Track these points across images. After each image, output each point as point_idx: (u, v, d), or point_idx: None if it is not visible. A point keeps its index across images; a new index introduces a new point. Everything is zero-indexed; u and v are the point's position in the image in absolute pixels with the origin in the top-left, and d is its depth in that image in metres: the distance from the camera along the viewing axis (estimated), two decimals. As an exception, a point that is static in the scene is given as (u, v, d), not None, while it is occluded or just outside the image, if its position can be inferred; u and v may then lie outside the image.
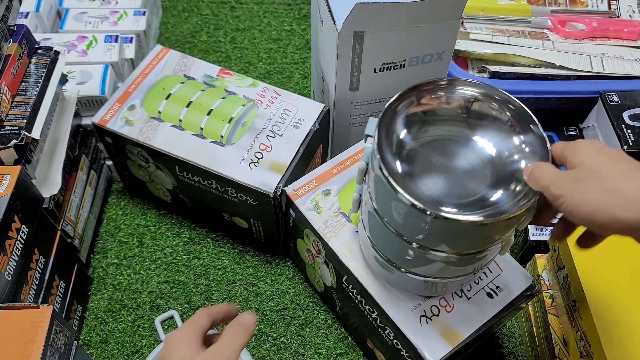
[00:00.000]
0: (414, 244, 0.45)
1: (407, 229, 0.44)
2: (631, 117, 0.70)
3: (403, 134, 0.44)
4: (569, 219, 0.38)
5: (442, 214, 0.40)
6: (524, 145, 0.44)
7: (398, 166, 0.43)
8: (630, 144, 0.67)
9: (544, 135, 0.43)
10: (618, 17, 0.89)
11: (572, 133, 0.79)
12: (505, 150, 0.44)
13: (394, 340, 0.54)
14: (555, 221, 0.45)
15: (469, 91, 0.46)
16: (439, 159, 0.44)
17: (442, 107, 0.46)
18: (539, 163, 0.41)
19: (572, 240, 0.56)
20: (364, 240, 0.53)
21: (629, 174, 0.36)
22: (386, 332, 0.54)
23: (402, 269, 0.49)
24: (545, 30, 0.85)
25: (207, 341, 0.46)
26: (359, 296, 0.56)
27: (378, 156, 0.42)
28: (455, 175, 0.43)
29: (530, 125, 0.44)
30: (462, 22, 0.85)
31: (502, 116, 0.45)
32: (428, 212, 0.40)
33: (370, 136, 0.45)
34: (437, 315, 0.53)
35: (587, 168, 0.38)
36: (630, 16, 0.89)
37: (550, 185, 0.38)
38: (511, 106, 0.45)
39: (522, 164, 0.43)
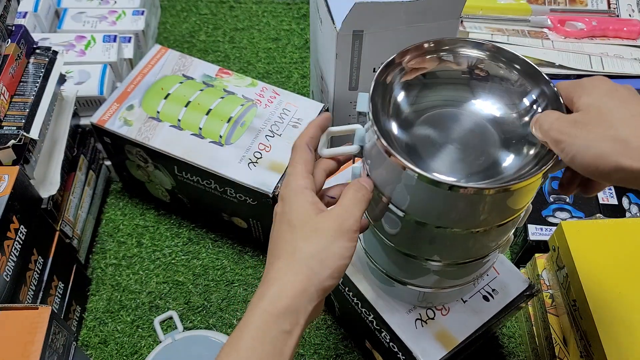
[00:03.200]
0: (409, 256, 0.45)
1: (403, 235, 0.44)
2: (631, 117, 0.70)
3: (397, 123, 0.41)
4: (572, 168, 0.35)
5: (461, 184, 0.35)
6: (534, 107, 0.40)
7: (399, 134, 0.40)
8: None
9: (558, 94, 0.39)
10: (617, 16, 0.89)
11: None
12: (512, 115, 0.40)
13: (390, 343, 0.53)
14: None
15: (474, 53, 0.43)
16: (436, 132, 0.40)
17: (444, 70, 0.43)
18: (546, 111, 0.37)
19: (572, 240, 0.57)
20: (361, 254, 0.53)
21: (637, 119, 0.32)
22: (382, 335, 0.54)
23: (398, 277, 0.49)
24: (545, 30, 0.85)
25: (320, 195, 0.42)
26: (355, 299, 0.56)
27: (375, 127, 0.37)
28: (463, 147, 0.39)
29: (542, 86, 0.41)
30: (462, 21, 0.85)
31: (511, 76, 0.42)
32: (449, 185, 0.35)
33: (362, 114, 0.39)
34: (433, 318, 0.52)
35: (592, 111, 0.34)
36: (629, 15, 0.89)
37: (550, 129, 0.35)
38: (517, 66, 0.42)
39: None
